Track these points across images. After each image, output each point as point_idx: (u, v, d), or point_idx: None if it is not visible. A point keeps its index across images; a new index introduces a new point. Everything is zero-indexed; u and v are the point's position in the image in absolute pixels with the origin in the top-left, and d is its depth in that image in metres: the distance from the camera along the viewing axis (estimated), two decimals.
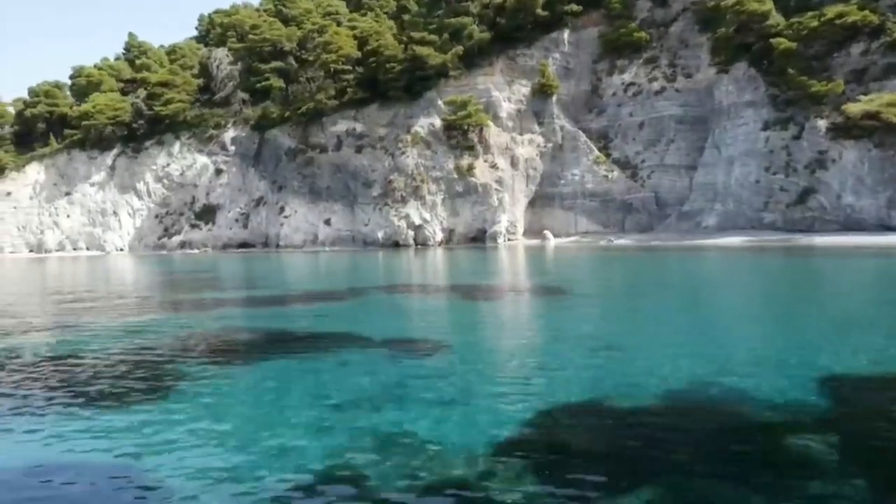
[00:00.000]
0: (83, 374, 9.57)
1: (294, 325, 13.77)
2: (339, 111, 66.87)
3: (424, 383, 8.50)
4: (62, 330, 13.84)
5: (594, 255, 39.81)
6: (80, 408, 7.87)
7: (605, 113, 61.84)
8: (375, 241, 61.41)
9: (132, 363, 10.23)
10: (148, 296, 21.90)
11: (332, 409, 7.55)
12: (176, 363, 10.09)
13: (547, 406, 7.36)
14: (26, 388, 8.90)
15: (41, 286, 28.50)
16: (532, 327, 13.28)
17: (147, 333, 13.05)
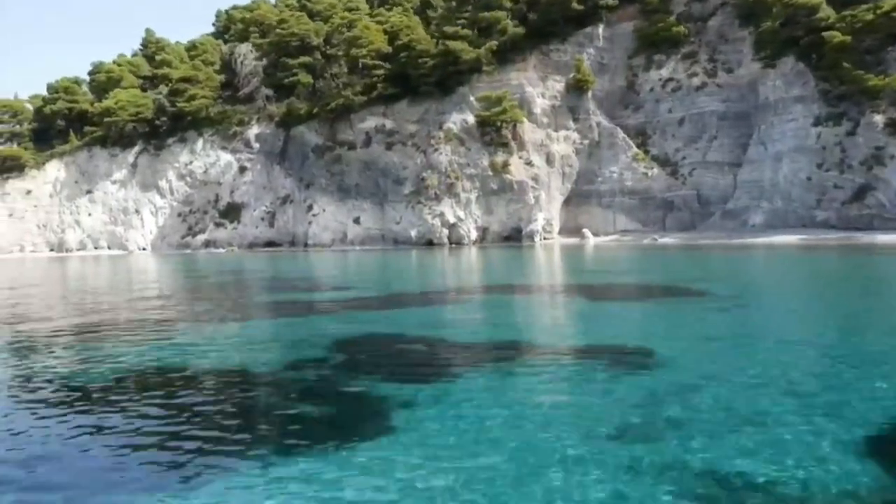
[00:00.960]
0: (260, 405, 8.08)
1: (451, 331, 12.47)
2: (367, 107, 65.56)
3: (680, 401, 7.23)
4: (198, 341, 12.59)
5: (651, 253, 38.52)
6: (274, 452, 6.10)
7: (641, 109, 60.59)
8: (408, 239, 60.14)
9: (307, 388, 8.65)
10: (246, 300, 20.61)
11: (606, 440, 6.09)
12: (356, 382, 8.77)
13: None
14: (199, 427, 6.92)
15: (120, 286, 27.24)
16: (733, 331, 11.91)
17: (298, 345, 11.77)
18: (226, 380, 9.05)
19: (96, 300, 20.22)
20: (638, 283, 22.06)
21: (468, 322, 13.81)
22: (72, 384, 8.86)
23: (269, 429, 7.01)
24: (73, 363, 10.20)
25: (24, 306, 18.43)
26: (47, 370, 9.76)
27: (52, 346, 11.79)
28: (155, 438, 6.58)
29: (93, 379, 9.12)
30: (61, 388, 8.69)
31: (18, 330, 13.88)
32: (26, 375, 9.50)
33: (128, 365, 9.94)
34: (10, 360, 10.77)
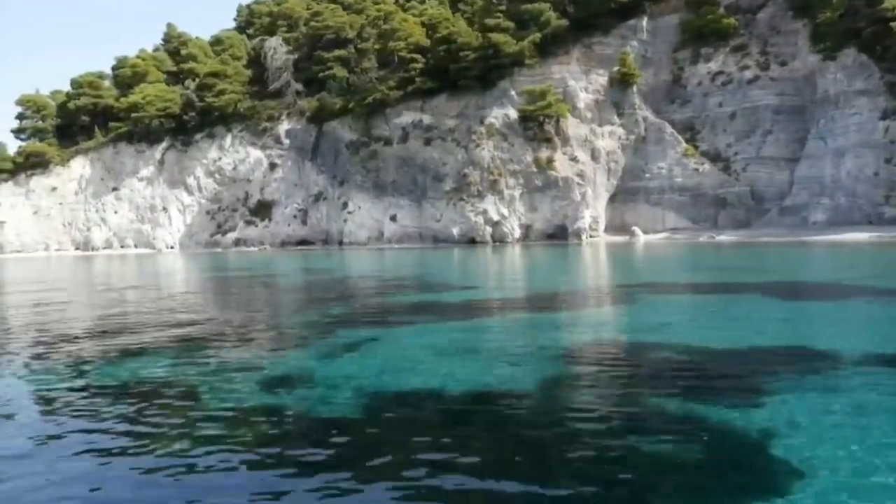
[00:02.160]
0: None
1: (704, 335, 10.83)
2: (403, 102, 63.91)
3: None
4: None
5: (725, 251, 36.79)
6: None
7: (689, 103, 58.96)
8: (449, 237, 58.51)
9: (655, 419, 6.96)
10: (394, 302, 18.93)
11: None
12: (700, 405, 7.14)
13: None
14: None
15: (211, 286, 25.57)
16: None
17: (545, 358, 10.11)
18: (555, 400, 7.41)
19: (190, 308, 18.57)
20: (803, 281, 20.32)
21: (693, 325, 12.15)
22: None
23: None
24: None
25: (67, 325, 16.74)
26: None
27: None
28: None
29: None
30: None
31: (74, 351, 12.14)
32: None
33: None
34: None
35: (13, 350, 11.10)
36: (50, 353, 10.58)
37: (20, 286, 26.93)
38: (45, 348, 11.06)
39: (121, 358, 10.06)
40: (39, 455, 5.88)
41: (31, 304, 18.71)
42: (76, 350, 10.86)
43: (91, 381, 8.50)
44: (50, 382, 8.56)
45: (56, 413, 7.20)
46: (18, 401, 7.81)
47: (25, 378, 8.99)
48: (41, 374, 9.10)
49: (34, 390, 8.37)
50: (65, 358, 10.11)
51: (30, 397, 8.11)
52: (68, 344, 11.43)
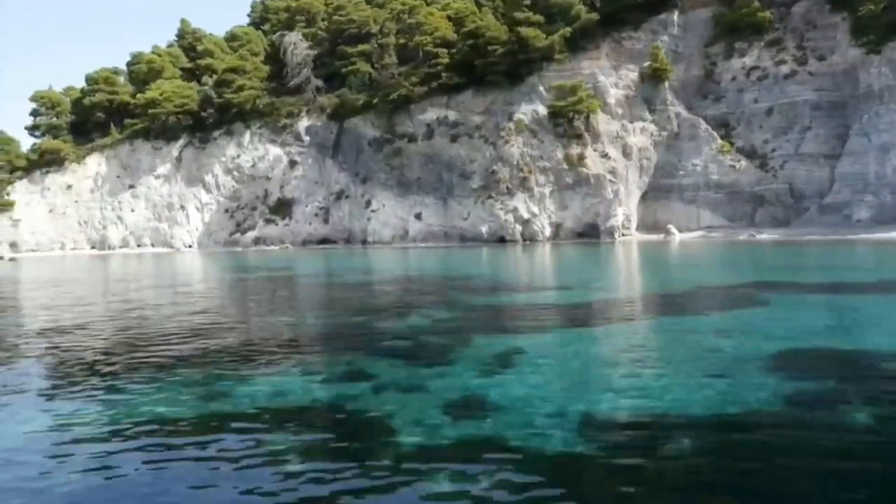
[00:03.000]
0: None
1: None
2: (428, 98, 62.60)
3: None
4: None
5: (774, 250, 35.43)
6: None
7: (723, 99, 57.65)
8: (477, 236, 57.18)
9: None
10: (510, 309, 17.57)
11: None
12: None
13: None
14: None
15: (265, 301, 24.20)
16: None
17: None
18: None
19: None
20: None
21: (856, 327, 10.86)
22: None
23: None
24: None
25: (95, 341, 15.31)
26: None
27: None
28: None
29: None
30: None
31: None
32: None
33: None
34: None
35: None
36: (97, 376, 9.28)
37: (37, 289, 25.60)
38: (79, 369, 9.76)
39: (256, 381, 8.75)
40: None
41: (47, 309, 17.39)
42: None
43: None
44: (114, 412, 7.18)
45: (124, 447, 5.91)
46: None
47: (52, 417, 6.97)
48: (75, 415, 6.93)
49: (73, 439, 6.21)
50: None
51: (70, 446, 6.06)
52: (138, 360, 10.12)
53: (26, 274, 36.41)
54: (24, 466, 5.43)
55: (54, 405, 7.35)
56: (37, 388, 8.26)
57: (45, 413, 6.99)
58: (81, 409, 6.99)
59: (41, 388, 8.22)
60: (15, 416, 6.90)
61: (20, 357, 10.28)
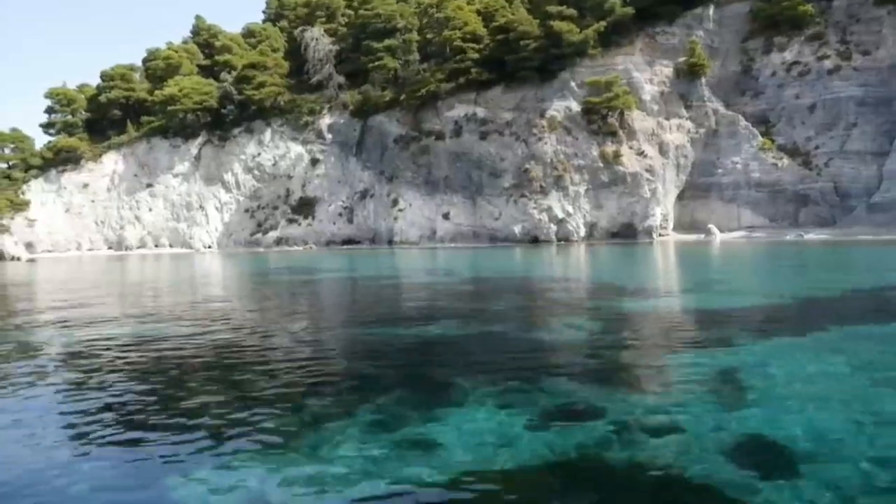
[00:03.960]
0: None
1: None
2: (455, 94, 61.02)
3: None
4: None
5: (839, 251, 33.80)
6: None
7: (762, 95, 56.12)
8: (510, 236, 55.59)
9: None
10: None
11: None
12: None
13: None
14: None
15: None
16: None
17: None
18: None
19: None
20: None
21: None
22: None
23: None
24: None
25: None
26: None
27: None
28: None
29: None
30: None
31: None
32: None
33: None
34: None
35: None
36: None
37: (68, 293, 23.96)
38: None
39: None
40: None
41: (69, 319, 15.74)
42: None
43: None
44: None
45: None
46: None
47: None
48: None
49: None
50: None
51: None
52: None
53: (49, 275, 34.72)
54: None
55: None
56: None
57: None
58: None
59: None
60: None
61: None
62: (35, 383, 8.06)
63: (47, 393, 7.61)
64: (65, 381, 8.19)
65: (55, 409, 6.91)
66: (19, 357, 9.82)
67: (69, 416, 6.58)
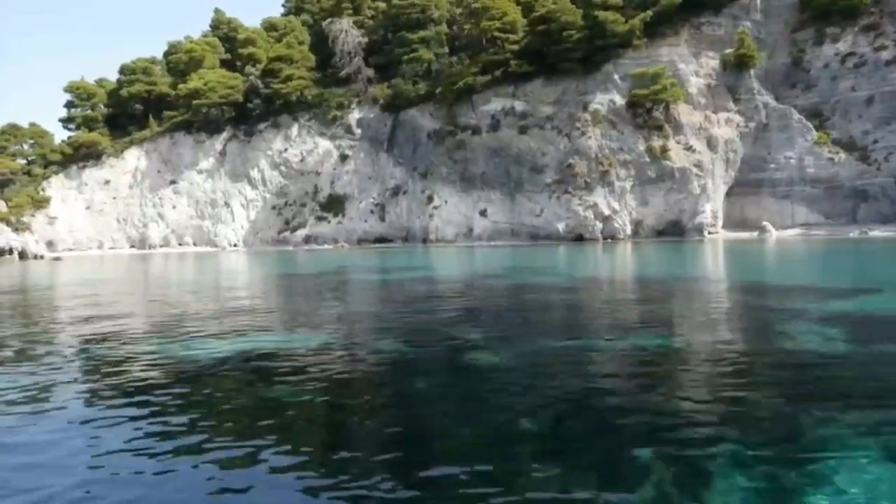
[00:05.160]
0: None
1: None
2: (492, 87, 58.99)
3: None
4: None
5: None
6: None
7: (814, 88, 54.10)
8: (553, 233, 53.56)
9: None
10: None
11: None
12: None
13: None
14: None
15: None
16: None
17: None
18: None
19: None
20: None
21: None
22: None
23: None
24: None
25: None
26: None
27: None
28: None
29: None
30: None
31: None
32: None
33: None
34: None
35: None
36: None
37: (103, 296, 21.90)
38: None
39: None
40: None
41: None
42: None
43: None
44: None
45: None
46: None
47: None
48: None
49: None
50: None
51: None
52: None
53: (80, 276, 32.60)
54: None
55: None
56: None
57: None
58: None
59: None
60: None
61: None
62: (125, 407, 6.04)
63: (127, 417, 5.66)
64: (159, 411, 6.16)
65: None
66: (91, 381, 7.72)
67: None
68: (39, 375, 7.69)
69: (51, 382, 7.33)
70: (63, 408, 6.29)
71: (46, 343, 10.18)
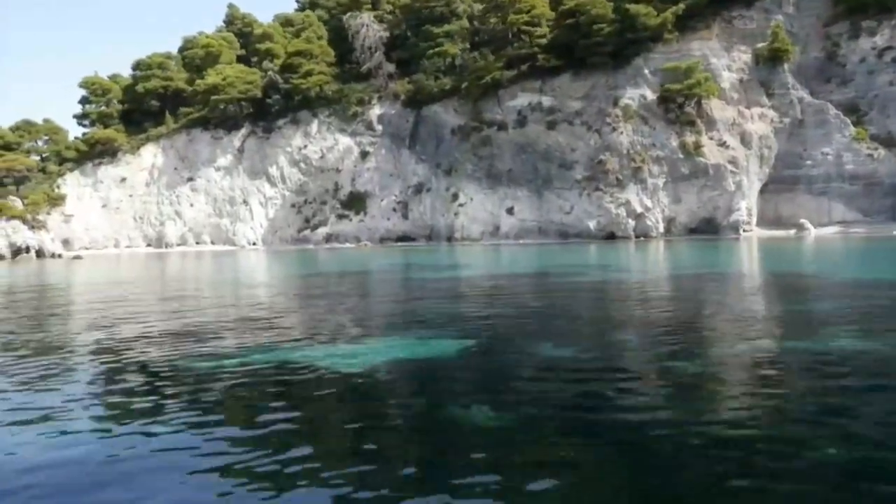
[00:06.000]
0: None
1: None
2: (518, 82, 57.84)
3: None
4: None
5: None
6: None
7: (850, 83, 52.99)
8: (583, 231, 52.43)
9: None
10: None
11: None
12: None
13: None
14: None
15: None
16: None
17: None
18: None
19: None
20: None
21: None
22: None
23: None
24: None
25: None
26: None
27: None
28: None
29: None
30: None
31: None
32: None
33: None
34: None
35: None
36: None
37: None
38: None
39: None
40: None
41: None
42: None
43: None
44: None
45: None
46: None
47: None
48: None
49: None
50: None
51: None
52: None
53: (106, 275, 31.38)
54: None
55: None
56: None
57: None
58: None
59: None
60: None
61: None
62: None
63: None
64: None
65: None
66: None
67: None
68: (95, 385, 7.10)
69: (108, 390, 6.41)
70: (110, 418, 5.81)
71: (105, 353, 9.05)
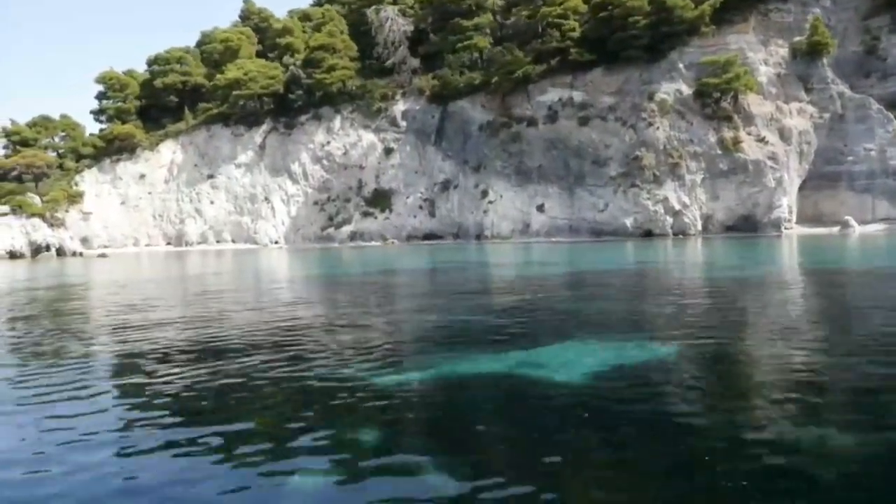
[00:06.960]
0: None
1: None
2: (548, 77, 56.58)
3: None
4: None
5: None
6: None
7: (892, 77, 51.77)
8: (619, 229, 51.16)
9: None
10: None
11: None
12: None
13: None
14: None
15: None
16: None
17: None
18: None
19: None
20: None
21: None
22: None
23: None
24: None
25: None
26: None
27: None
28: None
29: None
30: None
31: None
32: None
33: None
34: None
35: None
36: None
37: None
38: None
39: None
40: None
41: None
42: None
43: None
44: None
45: None
46: None
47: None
48: None
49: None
50: None
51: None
52: None
53: (143, 276, 30.07)
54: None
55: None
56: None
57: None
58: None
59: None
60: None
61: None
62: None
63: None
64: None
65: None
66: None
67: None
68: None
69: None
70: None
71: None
